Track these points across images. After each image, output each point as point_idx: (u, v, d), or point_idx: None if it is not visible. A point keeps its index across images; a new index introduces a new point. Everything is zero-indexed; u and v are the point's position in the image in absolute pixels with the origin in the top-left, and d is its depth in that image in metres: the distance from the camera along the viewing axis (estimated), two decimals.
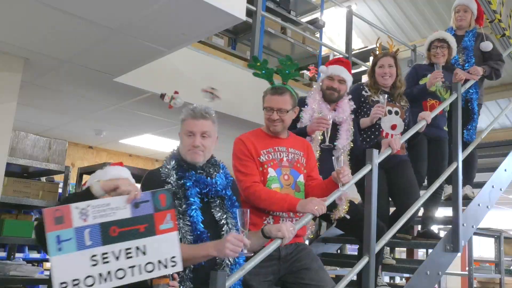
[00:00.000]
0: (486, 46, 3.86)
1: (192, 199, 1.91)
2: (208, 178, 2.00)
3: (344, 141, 2.85)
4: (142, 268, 1.57)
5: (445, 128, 3.60)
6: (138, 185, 1.99)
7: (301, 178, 2.45)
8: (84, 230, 1.51)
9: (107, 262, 1.51)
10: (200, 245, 1.84)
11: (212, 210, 1.98)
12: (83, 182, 4.12)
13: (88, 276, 1.46)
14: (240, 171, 2.31)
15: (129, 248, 1.55)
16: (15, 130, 3.51)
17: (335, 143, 2.83)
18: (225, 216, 1.98)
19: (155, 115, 4.79)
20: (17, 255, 4.98)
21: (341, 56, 4.85)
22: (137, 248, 1.57)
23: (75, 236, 1.49)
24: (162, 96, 2.19)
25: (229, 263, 1.90)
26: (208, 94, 2.20)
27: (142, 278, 1.57)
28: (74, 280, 1.45)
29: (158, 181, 1.94)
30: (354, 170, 2.49)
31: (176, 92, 2.19)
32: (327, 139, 2.76)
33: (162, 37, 2.75)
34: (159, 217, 1.59)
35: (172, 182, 1.93)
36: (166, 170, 1.98)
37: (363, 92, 3.22)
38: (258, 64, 2.52)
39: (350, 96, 3.04)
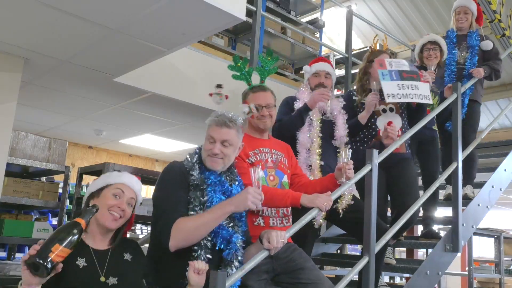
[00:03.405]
0: (487, 44, 3.88)
1: (213, 194, 1.91)
2: (226, 184, 2.01)
3: (342, 131, 2.94)
4: (417, 95, 2.99)
5: (434, 128, 3.64)
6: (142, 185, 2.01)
7: (285, 179, 2.47)
8: (392, 72, 3.01)
9: (404, 88, 2.97)
10: (212, 208, 1.85)
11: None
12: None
13: (396, 94, 2.94)
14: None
15: (411, 84, 2.98)
16: (15, 130, 3.51)
17: (333, 132, 2.92)
18: (231, 225, 1.96)
19: (155, 115, 4.80)
20: (17, 255, 4.98)
21: (322, 56, 4.87)
22: (414, 85, 3.00)
23: (388, 73, 2.99)
24: (219, 86, 2.23)
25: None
26: (216, 97, 2.20)
27: (416, 101, 2.99)
28: (391, 93, 2.93)
29: (183, 170, 1.96)
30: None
31: (226, 97, 2.22)
32: (329, 110, 2.88)
33: (162, 37, 2.76)
34: (420, 75, 3.08)
35: (195, 174, 1.95)
36: (190, 164, 1.99)
37: (354, 98, 3.21)
38: (238, 64, 2.55)
39: (341, 99, 3.12)
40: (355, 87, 3.33)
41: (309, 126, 2.89)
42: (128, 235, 2.11)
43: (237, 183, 2.08)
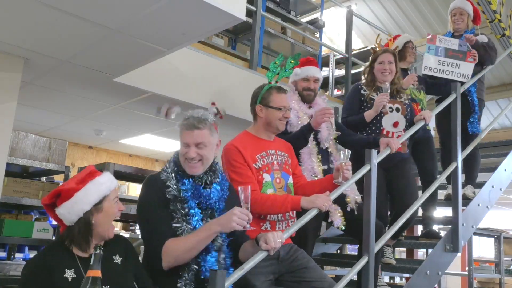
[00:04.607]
0: (481, 38, 3.90)
1: (192, 210, 1.91)
2: (203, 189, 1.98)
3: (325, 132, 2.89)
4: (455, 73, 3.53)
5: (428, 128, 3.67)
6: (138, 185, 2.00)
7: (290, 180, 2.47)
8: (439, 48, 3.59)
9: (443, 65, 3.59)
10: (199, 230, 1.85)
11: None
12: None
13: (434, 68, 3.59)
14: (236, 180, 2.26)
15: (453, 63, 3.57)
16: (15, 130, 3.50)
17: (317, 136, 2.88)
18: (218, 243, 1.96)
19: (155, 115, 4.79)
20: (17, 255, 4.98)
21: (311, 56, 4.86)
22: (456, 64, 3.56)
23: (435, 49, 3.61)
24: (158, 109, 2.19)
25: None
26: (213, 109, 2.18)
27: (452, 78, 3.55)
28: (428, 66, 3.60)
29: (159, 184, 1.94)
30: (354, 166, 2.48)
31: (221, 117, 2.19)
32: (333, 129, 2.86)
33: (162, 37, 2.76)
34: (468, 55, 3.57)
35: (172, 185, 1.93)
36: (166, 174, 1.97)
37: (362, 92, 3.22)
38: (276, 62, 2.55)
39: (324, 97, 3.15)
40: (363, 81, 3.33)
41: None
42: (128, 235, 2.10)
43: (219, 180, 2.05)
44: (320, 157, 2.82)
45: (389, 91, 3.05)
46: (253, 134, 2.50)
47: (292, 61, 2.59)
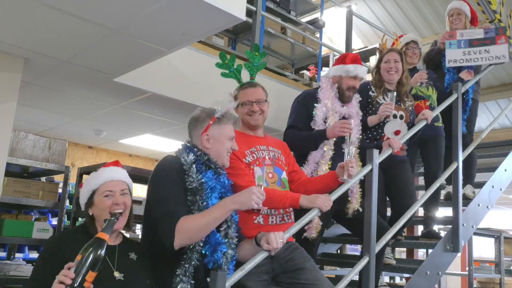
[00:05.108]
0: None
1: (211, 201, 1.90)
2: (223, 178, 2.03)
3: (355, 134, 2.84)
4: (486, 58, 3.54)
5: (437, 124, 3.59)
6: (138, 185, 2.00)
7: (284, 175, 2.45)
8: (461, 41, 3.60)
9: (469, 54, 3.56)
10: (215, 207, 1.85)
11: None
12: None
13: (459, 59, 3.58)
14: (231, 174, 2.22)
15: (480, 50, 3.54)
16: (15, 130, 3.50)
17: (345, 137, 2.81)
18: (224, 228, 1.97)
19: (155, 115, 4.79)
20: (17, 255, 4.98)
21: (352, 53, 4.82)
22: (484, 50, 3.53)
23: (456, 43, 3.63)
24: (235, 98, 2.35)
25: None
26: (230, 98, 2.26)
27: (484, 63, 3.64)
28: (453, 59, 3.63)
29: (178, 166, 1.92)
30: (363, 165, 2.48)
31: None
32: (349, 143, 2.77)
33: (162, 37, 2.76)
34: (498, 38, 3.56)
35: (193, 176, 1.91)
36: (187, 164, 1.93)
37: (370, 93, 3.20)
38: (226, 62, 2.49)
39: (357, 96, 3.06)
40: (371, 78, 3.31)
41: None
42: (128, 236, 2.10)
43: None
44: (330, 163, 2.75)
45: (395, 100, 3.01)
46: (241, 131, 2.49)
47: (257, 54, 2.53)
